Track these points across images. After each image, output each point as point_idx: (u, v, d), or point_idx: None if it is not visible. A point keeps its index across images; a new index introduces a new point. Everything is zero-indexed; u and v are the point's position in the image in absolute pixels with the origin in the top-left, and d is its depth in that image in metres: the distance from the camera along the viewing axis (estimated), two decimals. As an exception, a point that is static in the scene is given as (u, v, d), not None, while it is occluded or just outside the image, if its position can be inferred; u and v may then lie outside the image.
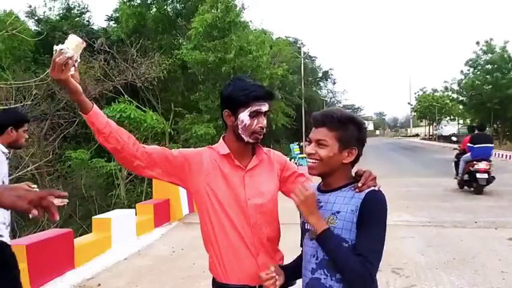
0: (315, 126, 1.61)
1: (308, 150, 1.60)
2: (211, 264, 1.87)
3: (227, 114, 1.81)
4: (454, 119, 70.66)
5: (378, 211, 1.53)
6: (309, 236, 1.62)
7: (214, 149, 1.87)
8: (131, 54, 17.81)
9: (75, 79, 1.65)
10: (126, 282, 4.99)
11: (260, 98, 1.77)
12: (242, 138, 1.79)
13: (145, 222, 7.28)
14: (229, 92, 1.79)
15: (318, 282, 1.57)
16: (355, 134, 1.59)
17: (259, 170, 1.87)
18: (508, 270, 4.88)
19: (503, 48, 39.77)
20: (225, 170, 1.81)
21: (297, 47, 37.84)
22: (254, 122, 1.77)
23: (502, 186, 11.82)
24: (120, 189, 10.15)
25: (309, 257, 1.61)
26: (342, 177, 1.61)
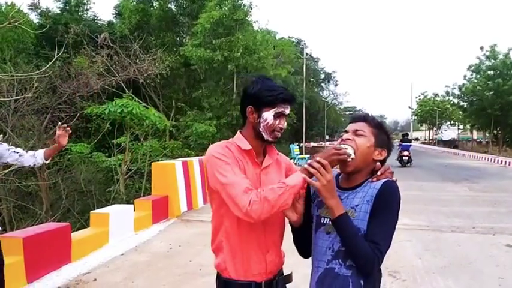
0: (353, 121, 1.73)
1: (345, 137, 1.67)
2: (220, 261, 1.86)
3: (251, 110, 1.83)
4: (454, 124, 70.68)
5: (392, 201, 1.60)
6: (325, 230, 1.68)
7: (234, 144, 1.86)
8: (134, 50, 17.80)
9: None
10: (122, 277, 4.98)
11: (286, 100, 1.82)
12: (262, 136, 1.82)
13: (143, 218, 7.27)
14: (256, 90, 1.82)
15: (332, 271, 1.64)
16: (386, 138, 1.72)
17: (272, 169, 1.91)
18: (504, 277, 4.87)
19: (506, 55, 39.78)
20: (245, 166, 1.81)
21: (300, 48, 37.83)
22: (276, 122, 1.81)
23: (501, 193, 11.83)
24: (119, 184, 10.13)
25: (325, 250, 1.67)
26: (365, 175, 1.69)
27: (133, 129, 10.48)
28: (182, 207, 8.63)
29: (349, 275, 1.62)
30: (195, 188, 9.22)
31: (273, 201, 1.61)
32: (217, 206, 1.85)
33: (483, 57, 41.43)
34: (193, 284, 4.69)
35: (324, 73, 55.41)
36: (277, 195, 1.61)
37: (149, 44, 19.62)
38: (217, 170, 1.74)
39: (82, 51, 16.96)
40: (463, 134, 69.40)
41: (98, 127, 13.78)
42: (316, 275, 1.70)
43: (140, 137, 11.31)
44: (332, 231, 1.64)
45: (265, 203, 1.60)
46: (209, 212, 5.78)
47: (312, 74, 46.82)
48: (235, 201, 1.66)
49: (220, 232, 1.86)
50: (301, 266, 2.30)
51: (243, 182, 1.69)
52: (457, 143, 57.12)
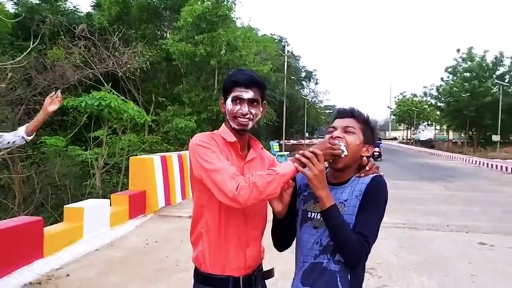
0: (340, 117, 1.71)
1: (336, 134, 1.66)
2: (199, 253, 1.81)
3: (221, 101, 1.83)
4: (431, 125, 71.99)
5: (380, 195, 1.63)
6: (312, 224, 1.67)
7: (219, 136, 1.82)
8: (113, 43, 17.47)
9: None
10: (96, 273, 4.89)
11: (241, 84, 1.76)
12: (230, 124, 1.79)
13: (119, 213, 7.17)
14: (224, 80, 1.83)
15: (319, 266, 1.64)
16: (373, 133, 1.73)
17: (255, 163, 1.86)
18: (477, 274, 4.97)
19: (482, 57, 40.71)
20: (229, 158, 1.76)
21: (282, 45, 37.86)
22: (237, 108, 1.76)
23: (475, 192, 12.11)
24: (96, 178, 9.95)
25: (312, 244, 1.66)
26: (353, 171, 1.70)
27: (111, 122, 10.29)
28: (160, 202, 8.55)
29: (337, 270, 1.62)
30: (174, 184, 9.14)
31: (261, 188, 1.57)
32: (199, 197, 1.80)
33: (460, 59, 42.36)
34: (169, 279, 4.64)
35: (305, 71, 55.63)
36: (266, 181, 1.57)
37: (129, 36, 19.28)
38: (202, 157, 1.69)
39: (59, 43, 16.57)
40: (440, 134, 70.73)
41: (74, 120, 13.50)
42: (302, 269, 1.69)
43: (118, 131, 11.12)
44: (320, 226, 1.64)
45: (254, 189, 1.57)
46: (187, 207, 5.78)
47: (293, 72, 46.93)
48: (220, 186, 1.60)
49: (200, 224, 1.81)
50: (279, 262, 2.27)
51: (230, 168, 1.65)
52: (434, 143, 58.16)
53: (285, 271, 4.89)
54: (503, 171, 20.03)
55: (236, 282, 1.77)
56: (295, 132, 53.91)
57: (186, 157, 9.87)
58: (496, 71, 40.46)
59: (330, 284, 1.62)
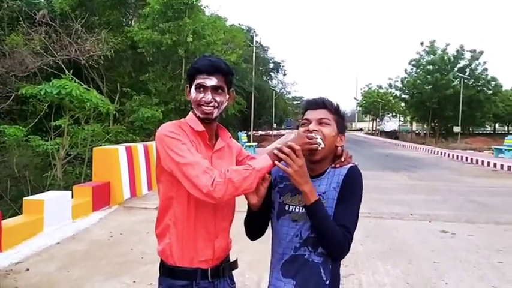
0: (312, 108, 1.69)
1: (312, 127, 1.63)
2: (165, 246, 1.76)
3: (187, 89, 1.79)
4: (396, 116, 73.76)
5: (357, 185, 1.67)
6: (291, 218, 1.67)
7: (187, 125, 1.76)
8: (75, 29, 16.89)
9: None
10: (57, 267, 4.73)
11: (203, 71, 1.72)
12: (195, 113, 1.76)
13: (82, 205, 6.95)
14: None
15: (301, 258, 1.64)
16: (342, 121, 1.73)
17: (223, 152, 1.83)
18: (439, 261, 5.11)
19: (444, 50, 41.88)
20: (198, 147, 1.71)
21: (250, 36, 37.69)
22: (199, 95, 1.72)
23: (437, 182, 12.47)
24: (57, 170, 9.61)
25: (291, 237, 1.65)
26: (328, 162, 1.70)
27: (73, 112, 9.94)
28: (125, 194, 8.36)
29: (320, 262, 1.63)
30: (139, 175, 8.95)
31: (237, 184, 1.55)
32: (167, 188, 1.74)
33: (423, 52, 43.41)
34: (134, 272, 4.53)
35: (273, 62, 55.72)
36: (242, 177, 1.55)
37: (92, 23, 18.67)
38: (173, 149, 1.63)
39: (18, 29, 15.87)
40: (404, 125, 72.64)
41: (34, 109, 13.00)
42: (281, 261, 1.69)
43: (81, 120, 10.77)
44: (299, 219, 1.64)
45: (230, 185, 1.54)
46: (154, 199, 5.63)
47: (262, 63, 46.91)
48: (194, 181, 1.56)
49: (168, 215, 1.75)
50: (246, 253, 2.23)
51: (202, 162, 1.60)
52: (398, 134, 59.60)
53: (252, 261, 4.89)
54: (463, 161, 20.73)
55: (204, 274, 1.74)
56: (263, 123, 54.10)
57: (153, 148, 9.68)
58: (457, 64, 41.74)
59: (313, 276, 1.63)
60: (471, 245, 5.82)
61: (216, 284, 1.78)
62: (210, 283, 1.76)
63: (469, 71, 40.77)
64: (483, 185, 11.87)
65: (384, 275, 4.61)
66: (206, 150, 1.75)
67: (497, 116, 53.02)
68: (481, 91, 40.73)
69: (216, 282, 1.78)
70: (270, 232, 1.85)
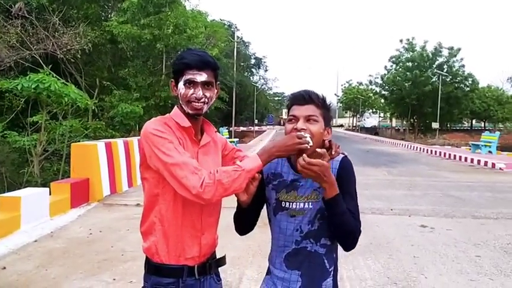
0: (299, 104, 1.66)
1: (300, 126, 1.62)
2: (151, 244, 1.72)
3: (172, 84, 1.75)
4: (376, 112, 74.61)
5: (352, 174, 1.73)
6: (288, 213, 1.70)
7: (172, 120, 1.72)
8: (53, 23, 16.51)
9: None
10: (34, 265, 4.62)
11: (193, 66, 1.67)
12: (184, 109, 1.72)
13: (60, 202, 6.82)
14: (173, 61, 1.75)
15: (304, 250, 1.68)
16: (329, 114, 1.73)
17: (209, 148, 1.81)
18: (419, 255, 5.18)
19: (423, 47, 42.50)
20: (184, 144, 1.69)
21: (231, 31, 37.54)
22: (189, 91, 1.68)
23: (416, 177, 12.65)
24: (34, 166, 9.39)
25: (291, 231, 1.69)
26: (317, 156, 1.64)
27: (51, 107, 9.72)
28: (105, 190, 8.23)
29: (323, 253, 1.69)
30: (119, 171, 8.83)
31: (227, 185, 1.55)
32: (152, 185, 1.71)
33: (402, 49, 43.95)
34: (113, 270, 4.46)
35: (254, 58, 55.67)
36: (232, 179, 1.55)
37: (70, 16, 18.28)
38: (159, 148, 1.59)
39: (-7, 21, 15.43)
40: (383, 121, 73.57)
41: (10, 104, 12.67)
42: (283, 253, 1.72)
43: (59, 115, 10.54)
44: (297, 214, 1.68)
45: (219, 186, 1.54)
46: (134, 195, 5.55)
47: (243, 59, 46.80)
48: (182, 182, 1.55)
49: (153, 213, 1.72)
50: (229, 249, 2.22)
51: (190, 161, 1.58)
52: (378, 130, 60.41)
53: (234, 258, 4.87)
54: (441, 156, 21.09)
55: (191, 271, 1.73)
56: (244, 119, 54.05)
57: (133, 144, 9.56)
58: (435, 61, 42.40)
59: (318, 266, 1.69)
60: (449, 239, 5.93)
61: (203, 281, 1.77)
62: (196, 280, 1.75)
63: (446, 68, 41.45)
64: (461, 180, 12.10)
65: (364, 270, 4.65)
66: (192, 145, 1.73)
67: (474, 113, 54.13)
68: (458, 88, 41.50)
69: (202, 279, 1.77)
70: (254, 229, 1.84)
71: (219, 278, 1.89)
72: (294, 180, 1.70)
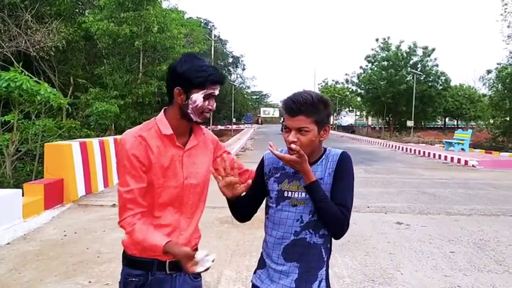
0: (290, 115, 1.71)
1: (291, 139, 1.70)
2: (127, 237, 1.80)
3: (179, 92, 1.76)
4: (352, 111, 75.43)
5: (350, 167, 1.80)
6: (291, 203, 1.77)
7: (155, 127, 1.79)
8: (25, 20, 16.10)
9: None
10: (7, 269, 4.50)
11: (217, 82, 1.78)
12: (190, 117, 1.78)
13: (33, 203, 6.65)
14: (184, 70, 1.73)
15: (303, 241, 1.75)
16: (325, 112, 1.76)
17: (196, 150, 1.88)
18: (395, 252, 5.27)
19: (398, 47, 43.16)
20: (165, 150, 1.78)
21: (208, 29, 37.34)
22: (206, 103, 1.77)
23: (391, 174, 12.86)
24: (6, 167, 9.14)
25: (292, 222, 1.76)
26: (318, 152, 1.81)
27: (23, 106, 9.47)
28: (80, 191, 8.07)
29: (321, 243, 1.77)
30: (95, 171, 8.67)
31: (134, 237, 1.69)
32: None
33: (378, 48, 44.52)
34: (89, 273, 4.37)
35: (232, 56, 55.56)
36: (139, 239, 1.68)
37: (43, 13, 17.84)
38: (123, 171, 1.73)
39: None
40: (360, 120, 74.42)
41: (-20, 103, 12.30)
42: (281, 245, 1.78)
43: (31, 114, 10.28)
44: (299, 204, 1.75)
45: (132, 233, 1.70)
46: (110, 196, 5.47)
47: (221, 57, 46.64)
48: (119, 208, 1.74)
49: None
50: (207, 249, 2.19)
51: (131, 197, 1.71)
52: (354, 128, 61.05)
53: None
54: (416, 154, 21.50)
55: (161, 266, 1.79)
56: (222, 118, 53.86)
57: (109, 143, 9.41)
58: (410, 60, 43.10)
59: (316, 256, 1.77)
60: (425, 236, 6.04)
61: (175, 276, 1.82)
62: (167, 275, 1.80)
63: (421, 67, 42.21)
64: (435, 177, 12.37)
65: (342, 267, 4.69)
66: (176, 150, 1.79)
67: (447, 111, 55.34)
68: (432, 87, 42.33)
69: (174, 274, 1.82)
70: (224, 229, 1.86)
71: (197, 276, 1.90)
72: (296, 172, 1.76)
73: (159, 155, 1.75)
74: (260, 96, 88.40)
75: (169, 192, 1.78)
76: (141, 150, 1.72)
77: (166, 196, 1.78)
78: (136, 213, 1.71)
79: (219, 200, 2.21)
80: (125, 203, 1.72)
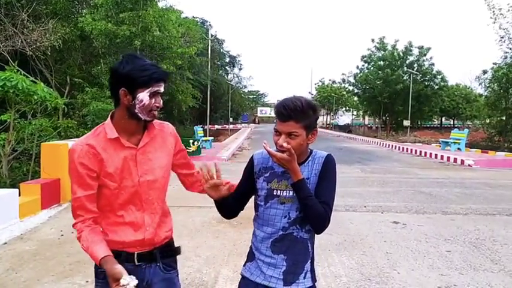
0: (281, 120, 1.83)
1: (281, 143, 1.81)
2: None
3: (124, 93, 1.79)
4: (349, 110, 75.51)
5: (334, 169, 1.93)
6: (279, 201, 1.91)
7: (102, 132, 1.86)
8: (21, 19, 16.03)
9: None
10: (4, 269, 4.49)
11: (160, 79, 1.81)
12: (138, 117, 1.82)
13: (30, 203, 6.63)
14: (127, 70, 1.77)
15: (290, 236, 1.90)
16: (314, 117, 1.88)
17: (151, 146, 1.92)
18: (391, 251, 5.29)
19: (394, 47, 43.23)
20: (116, 152, 1.84)
21: (205, 28, 37.28)
22: (152, 101, 1.81)
23: (388, 174, 12.89)
24: (3, 166, 9.11)
25: (279, 218, 1.90)
26: (305, 154, 1.93)
27: (20, 105, 9.43)
28: (76, 191, 8.04)
29: (308, 238, 1.93)
30: (91, 171, 8.64)
31: (81, 243, 1.79)
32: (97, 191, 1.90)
33: (374, 48, 44.57)
34: (86, 273, 4.37)
35: (228, 56, 55.48)
36: (85, 245, 1.76)
37: (40, 13, 17.78)
38: (71, 179, 1.82)
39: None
40: (356, 119, 74.54)
41: (-24, 103, 12.25)
42: (269, 239, 1.92)
43: (28, 114, 10.24)
44: (287, 202, 1.89)
45: (79, 240, 1.80)
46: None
47: (217, 57, 46.53)
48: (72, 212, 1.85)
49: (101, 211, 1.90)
50: (204, 249, 2.22)
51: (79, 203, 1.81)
52: (351, 128, 61.08)
53: (209, 257, 4.85)
54: (412, 154, 21.56)
55: (130, 257, 1.88)
56: (219, 117, 53.85)
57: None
58: (406, 59, 43.16)
59: (302, 250, 1.92)
60: (421, 235, 6.07)
61: (144, 268, 1.91)
62: (136, 266, 1.88)
63: (417, 67, 42.27)
64: (431, 177, 12.41)
65: (339, 267, 4.71)
66: (128, 150, 1.85)
67: (444, 111, 55.45)
68: (428, 86, 42.40)
69: (144, 266, 1.91)
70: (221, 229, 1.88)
71: (170, 267, 2.00)
72: (285, 172, 1.89)
73: (109, 158, 1.82)
74: (257, 96, 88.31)
75: (127, 191, 1.84)
76: (90, 158, 1.79)
77: (125, 196, 1.85)
78: (86, 219, 1.81)
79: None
80: (75, 210, 1.82)
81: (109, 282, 1.67)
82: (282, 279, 1.90)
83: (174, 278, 2.03)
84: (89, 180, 1.80)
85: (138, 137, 1.89)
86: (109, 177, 1.82)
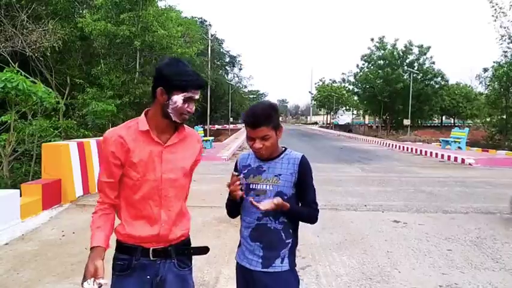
0: (253, 128, 2.06)
1: (257, 146, 2.08)
2: (118, 225, 2.00)
3: (161, 92, 1.90)
4: (349, 109, 75.51)
5: (310, 170, 2.20)
6: (255, 193, 2.13)
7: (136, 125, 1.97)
8: (21, 20, 16.05)
9: None
10: (5, 269, 4.50)
11: (197, 87, 1.93)
12: (170, 116, 1.92)
13: (31, 204, 6.64)
14: (169, 72, 1.88)
15: (264, 226, 2.13)
16: (277, 116, 2.13)
17: (177, 147, 2.01)
18: (392, 250, 5.29)
19: (393, 46, 43.19)
20: (144, 145, 1.94)
21: (205, 28, 37.29)
22: (185, 105, 1.91)
23: (388, 173, 12.89)
24: (3, 167, 9.12)
25: (255, 209, 2.09)
26: (277, 150, 2.19)
27: (20, 106, 9.45)
28: (77, 191, 8.07)
29: (280, 229, 2.13)
30: (92, 171, 8.66)
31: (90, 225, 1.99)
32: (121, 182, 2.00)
33: (374, 47, 44.54)
34: (88, 272, 4.37)
35: (229, 56, 55.51)
36: (91, 227, 1.96)
37: (39, 13, 17.80)
38: (100, 164, 2.00)
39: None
40: (357, 118, 74.54)
41: (-23, 104, 12.25)
42: (248, 229, 2.17)
43: (28, 115, 10.25)
44: (260, 194, 2.12)
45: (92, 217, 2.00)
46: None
47: (217, 57, 46.57)
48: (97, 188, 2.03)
49: (120, 205, 2.01)
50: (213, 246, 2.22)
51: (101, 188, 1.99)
52: (351, 127, 61.03)
53: (210, 257, 4.85)
54: (412, 153, 21.55)
55: (145, 252, 1.96)
56: (219, 117, 53.84)
57: (106, 143, 9.38)
58: (406, 59, 43.13)
59: (275, 238, 2.13)
60: (422, 234, 6.07)
61: (159, 263, 1.97)
62: (151, 261, 1.96)
63: (417, 66, 42.25)
64: (432, 176, 12.41)
65: (340, 266, 4.72)
66: (155, 146, 1.94)
67: (444, 109, 55.40)
68: (428, 85, 42.36)
69: (159, 261, 1.97)
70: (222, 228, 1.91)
71: (184, 265, 2.05)
72: (259, 167, 2.17)
73: (136, 149, 1.92)
74: (257, 96, 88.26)
75: (149, 185, 1.93)
76: (117, 147, 1.92)
77: (146, 189, 1.93)
78: (104, 202, 1.98)
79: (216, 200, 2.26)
80: (99, 191, 2.01)
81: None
82: (260, 262, 2.13)
83: (188, 275, 2.08)
84: (114, 168, 1.94)
85: (167, 136, 1.99)
86: (133, 167, 1.92)
